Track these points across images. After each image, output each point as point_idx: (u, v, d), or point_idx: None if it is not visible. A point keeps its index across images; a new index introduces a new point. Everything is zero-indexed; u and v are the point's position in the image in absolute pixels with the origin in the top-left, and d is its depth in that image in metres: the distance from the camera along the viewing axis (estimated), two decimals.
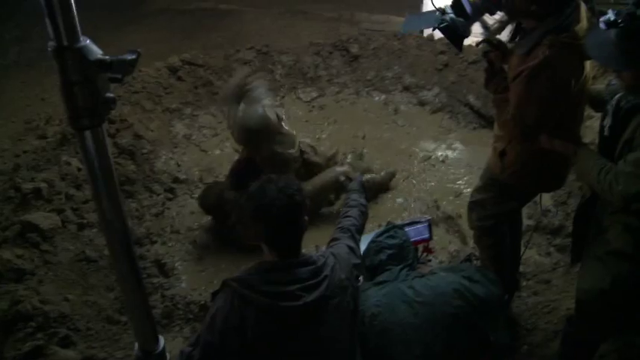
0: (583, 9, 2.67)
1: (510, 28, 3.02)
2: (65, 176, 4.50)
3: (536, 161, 2.91)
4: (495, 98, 3.01)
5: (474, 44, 3.20)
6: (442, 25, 2.91)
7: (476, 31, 3.15)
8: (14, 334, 3.25)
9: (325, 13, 8.54)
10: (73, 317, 3.42)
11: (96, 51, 1.28)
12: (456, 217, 4.53)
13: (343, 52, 6.86)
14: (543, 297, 3.70)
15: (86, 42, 1.28)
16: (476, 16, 2.98)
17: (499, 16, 3.00)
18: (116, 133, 5.23)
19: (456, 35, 2.94)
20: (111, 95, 1.34)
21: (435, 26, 2.96)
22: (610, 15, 2.25)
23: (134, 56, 1.32)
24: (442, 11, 2.94)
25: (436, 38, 6.60)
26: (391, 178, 4.97)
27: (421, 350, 2.55)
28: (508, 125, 2.88)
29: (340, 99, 6.42)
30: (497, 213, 3.26)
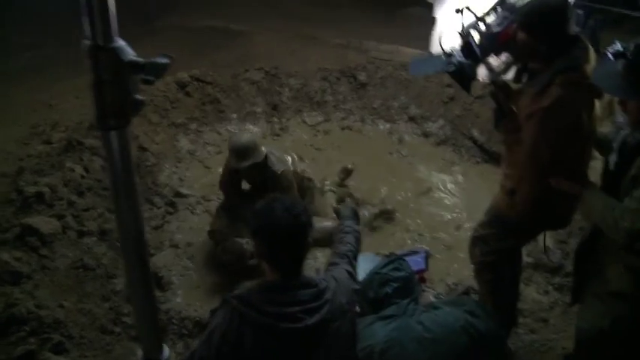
0: (591, 50, 2.72)
1: (515, 69, 3.06)
2: (68, 182, 4.50)
3: (546, 201, 2.92)
4: (506, 139, 3.02)
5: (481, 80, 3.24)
6: (452, 70, 2.94)
7: (480, 73, 3.18)
8: (7, 337, 3.21)
9: (334, 40, 8.61)
10: (68, 324, 3.39)
11: (129, 52, 1.29)
12: (455, 250, 4.53)
13: (351, 79, 6.92)
14: (540, 335, 3.70)
15: (120, 43, 1.29)
16: (482, 58, 3.02)
17: (504, 58, 3.04)
18: None
19: (465, 78, 2.97)
20: (140, 97, 1.35)
21: (445, 70, 3.00)
22: (617, 46, 2.29)
23: (167, 60, 1.34)
24: (449, 54, 2.97)
25: None
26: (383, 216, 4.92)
27: None
28: (518, 164, 2.88)
29: (345, 125, 6.47)
30: (499, 249, 3.26)
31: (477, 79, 3.04)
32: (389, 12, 10.17)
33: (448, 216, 5.04)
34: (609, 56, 2.32)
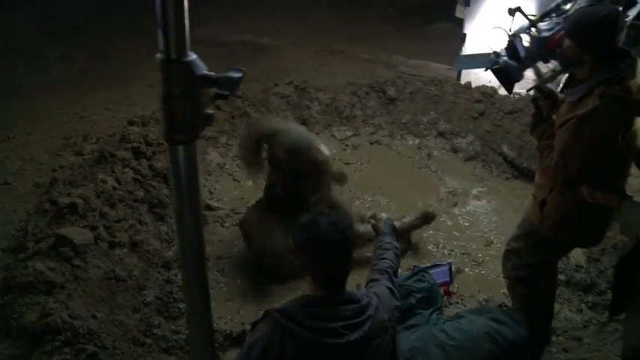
0: (639, 65, 2.68)
1: (564, 78, 3.03)
2: (100, 194, 4.53)
3: (576, 214, 2.89)
4: (540, 144, 3.01)
5: (524, 91, 3.23)
6: (495, 67, 2.93)
7: (528, 77, 3.17)
8: (42, 347, 3.22)
9: (362, 54, 8.65)
10: (101, 335, 3.39)
11: (202, 66, 1.28)
12: (486, 266, 4.49)
13: (380, 94, 6.91)
14: (574, 354, 3.63)
15: (193, 57, 1.28)
16: (529, 62, 3.01)
17: (553, 65, 3.02)
18: (152, 156, 5.28)
19: (508, 78, 2.96)
20: (209, 112, 1.34)
21: (487, 67, 2.99)
22: None
23: (240, 74, 1.33)
24: (496, 54, 2.97)
25: (473, 86, 6.64)
26: (424, 223, 4.75)
27: None
28: (549, 173, 2.86)
29: (374, 140, 6.46)
30: (532, 263, 3.23)
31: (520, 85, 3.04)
32: (417, 27, 10.19)
33: (478, 232, 4.99)
34: None
